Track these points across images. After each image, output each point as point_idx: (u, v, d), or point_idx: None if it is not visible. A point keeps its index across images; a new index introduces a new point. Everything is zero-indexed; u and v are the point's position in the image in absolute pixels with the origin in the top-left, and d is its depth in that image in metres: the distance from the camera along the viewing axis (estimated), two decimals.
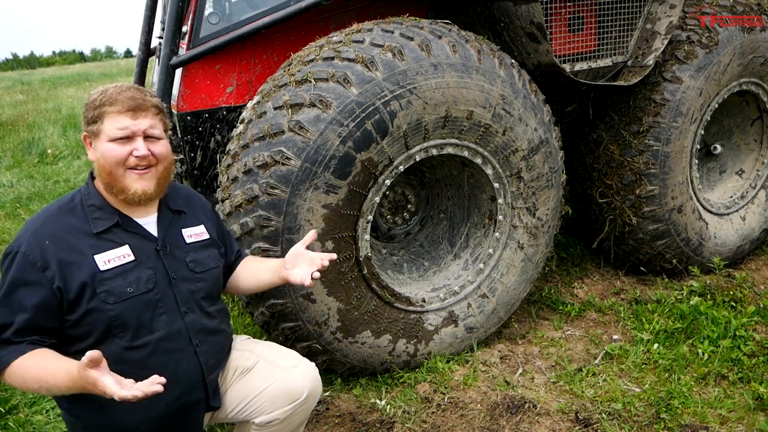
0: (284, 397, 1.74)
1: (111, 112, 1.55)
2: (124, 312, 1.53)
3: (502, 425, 2.31)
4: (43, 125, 9.65)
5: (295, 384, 1.75)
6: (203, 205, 1.88)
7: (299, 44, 2.61)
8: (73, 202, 1.61)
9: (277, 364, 1.79)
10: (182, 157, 2.63)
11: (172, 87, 2.59)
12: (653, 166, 3.06)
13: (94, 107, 1.56)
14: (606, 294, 3.36)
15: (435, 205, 2.93)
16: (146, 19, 3.49)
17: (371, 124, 2.19)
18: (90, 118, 1.57)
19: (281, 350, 1.88)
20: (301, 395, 1.75)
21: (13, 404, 2.57)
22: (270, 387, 1.75)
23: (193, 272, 1.70)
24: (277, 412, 1.74)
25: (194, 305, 1.68)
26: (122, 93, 1.56)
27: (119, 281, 1.53)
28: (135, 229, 1.62)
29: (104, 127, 1.55)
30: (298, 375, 1.77)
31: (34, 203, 5.65)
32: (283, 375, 1.76)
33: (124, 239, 1.59)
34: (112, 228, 1.58)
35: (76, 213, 1.58)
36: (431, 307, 2.63)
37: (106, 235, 1.57)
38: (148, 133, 1.58)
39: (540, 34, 2.59)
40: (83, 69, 25.77)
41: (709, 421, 2.28)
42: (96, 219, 1.57)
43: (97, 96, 1.58)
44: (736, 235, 3.51)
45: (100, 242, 1.55)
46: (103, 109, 1.55)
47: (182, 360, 1.63)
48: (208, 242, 1.78)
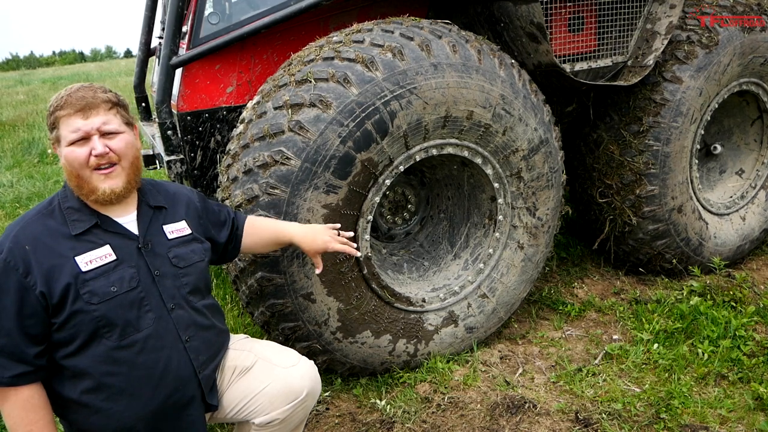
0: (283, 396, 1.74)
1: (63, 116, 1.53)
2: (109, 312, 1.51)
3: (502, 425, 2.31)
4: (43, 125, 9.64)
5: (294, 383, 1.76)
6: (187, 199, 1.85)
7: (299, 44, 2.61)
8: (51, 206, 1.59)
9: (275, 364, 1.79)
10: (182, 157, 2.63)
11: (172, 87, 2.59)
12: (653, 166, 3.06)
13: (50, 113, 1.56)
14: (606, 294, 3.36)
15: (435, 205, 2.93)
16: (146, 19, 3.50)
17: (371, 124, 2.19)
18: (49, 125, 1.57)
19: (280, 349, 1.88)
20: (300, 394, 1.76)
21: None
22: (269, 387, 1.75)
23: (177, 267, 1.68)
24: (277, 412, 1.74)
25: (181, 300, 1.66)
26: (72, 95, 1.55)
27: (102, 281, 1.52)
28: (115, 229, 1.61)
29: (61, 133, 1.54)
30: (297, 374, 1.78)
31: (34, 203, 5.65)
32: (282, 374, 1.76)
33: (104, 239, 1.58)
34: (92, 229, 1.57)
35: (54, 216, 1.57)
36: (431, 307, 2.63)
37: (86, 237, 1.56)
38: (102, 130, 1.55)
39: (540, 34, 2.59)
40: (83, 69, 25.77)
41: (709, 421, 2.28)
42: (74, 221, 1.56)
43: (52, 102, 1.57)
44: (736, 235, 3.51)
45: (80, 244, 1.54)
46: (56, 114, 1.54)
47: (172, 357, 1.62)
48: (189, 238, 1.76)
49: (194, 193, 1.91)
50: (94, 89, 1.58)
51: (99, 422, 1.57)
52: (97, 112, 1.55)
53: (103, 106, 1.57)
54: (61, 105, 1.53)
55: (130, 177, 1.62)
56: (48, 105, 1.58)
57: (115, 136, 1.58)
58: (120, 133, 1.59)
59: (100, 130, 1.55)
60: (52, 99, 1.58)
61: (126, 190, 1.61)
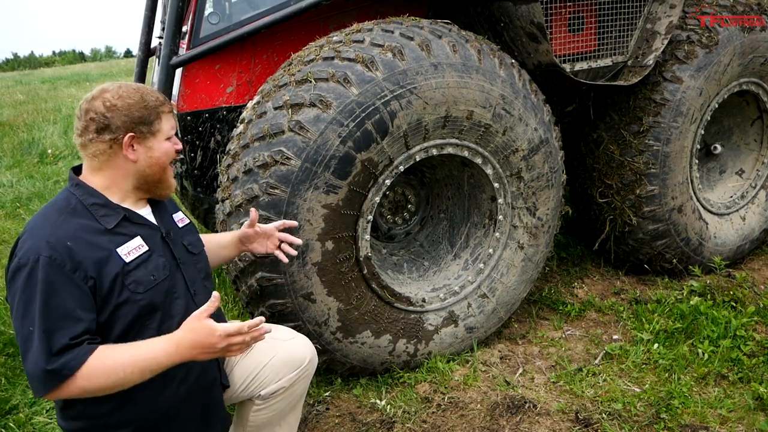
0: (287, 365, 1.84)
1: (166, 112, 1.64)
2: (154, 299, 1.58)
3: (502, 425, 2.31)
4: (43, 125, 9.64)
5: (297, 351, 1.87)
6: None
7: (299, 44, 2.61)
8: (72, 205, 1.57)
9: (275, 338, 1.87)
10: (182, 157, 2.64)
11: (172, 87, 2.59)
12: (653, 166, 3.06)
13: (147, 108, 1.59)
14: (606, 294, 3.36)
15: (435, 205, 2.93)
16: (146, 19, 3.49)
17: (371, 124, 2.19)
18: (144, 118, 1.59)
19: (277, 326, 1.97)
20: (304, 361, 1.86)
21: (13, 404, 2.56)
22: (273, 359, 1.83)
23: (192, 254, 1.77)
24: (282, 381, 1.83)
25: (200, 286, 1.74)
26: (159, 96, 1.65)
27: (142, 271, 1.56)
28: (140, 221, 1.65)
29: (163, 127, 1.63)
30: (298, 343, 1.90)
31: (34, 203, 5.64)
32: (284, 346, 1.87)
33: (134, 231, 1.61)
34: (121, 222, 1.60)
35: (80, 214, 1.56)
36: (431, 307, 2.63)
37: (118, 230, 1.59)
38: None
39: (540, 34, 2.59)
40: (83, 69, 25.74)
41: (709, 421, 2.28)
42: (103, 216, 1.57)
43: (145, 98, 1.60)
44: (736, 235, 3.51)
45: (116, 237, 1.57)
46: (160, 109, 1.62)
47: None
48: (191, 225, 1.85)
49: None
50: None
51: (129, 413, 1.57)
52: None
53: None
54: (161, 101, 1.63)
55: None
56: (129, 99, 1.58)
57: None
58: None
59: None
60: (139, 94, 1.60)
61: None
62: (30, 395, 2.60)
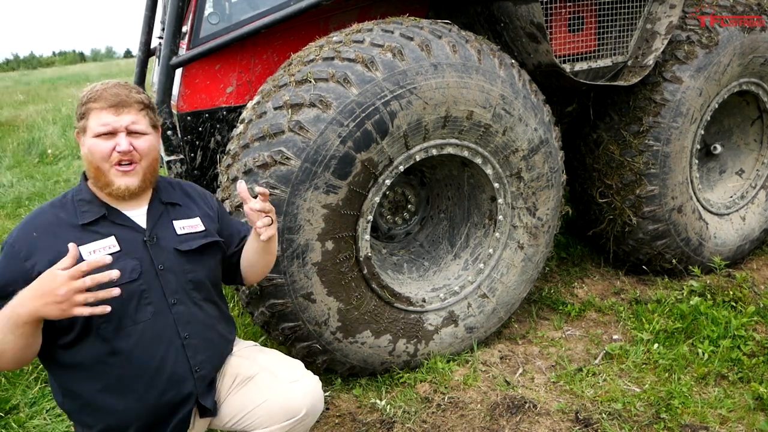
0: (282, 413, 1.71)
1: (95, 109, 1.58)
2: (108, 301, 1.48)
3: (502, 425, 2.31)
4: (43, 125, 9.65)
5: (294, 401, 1.72)
6: (204, 199, 1.86)
7: (299, 44, 2.61)
8: (65, 199, 1.65)
9: (278, 377, 1.76)
10: (182, 158, 2.63)
11: (172, 87, 2.59)
12: (653, 166, 3.06)
13: (81, 104, 1.61)
14: (606, 294, 3.36)
15: (435, 205, 2.93)
16: (146, 19, 3.49)
17: (371, 124, 2.19)
18: (78, 115, 1.62)
19: (285, 362, 1.84)
20: (299, 413, 1.72)
21: (14, 404, 2.56)
22: (268, 401, 1.71)
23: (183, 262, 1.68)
24: (275, 428, 1.71)
25: (184, 296, 1.66)
26: (107, 90, 1.60)
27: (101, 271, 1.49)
28: (122, 221, 1.64)
29: (89, 124, 1.59)
30: (299, 391, 1.74)
31: (34, 203, 5.65)
32: (283, 390, 1.73)
33: (110, 231, 1.61)
34: (99, 220, 1.60)
35: (66, 208, 1.62)
36: (431, 307, 2.63)
37: (93, 227, 1.59)
38: (131, 129, 1.60)
39: (540, 34, 2.59)
40: (83, 69, 25.75)
41: (709, 421, 2.28)
42: (84, 212, 1.61)
43: (84, 93, 1.62)
44: (736, 235, 3.51)
45: (87, 234, 1.57)
46: (88, 105, 1.59)
47: (168, 352, 1.61)
48: (201, 234, 1.75)
49: (214, 199, 1.92)
50: (129, 88, 1.63)
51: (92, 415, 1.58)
52: (129, 111, 1.60)
53: (135, 106, 1.62)
54: (95, 97, 1.58)
55: (146, 177, 1.65)
56: (80, 95, 1.63)
57: (141, 136, 1.63)
58: (146, 135, 1.64)
59: (129, 128, 1.60)
60: (85, 90, 1.63)
61: (140, 188, 1.65)
62: (30, 395, 2.61)
